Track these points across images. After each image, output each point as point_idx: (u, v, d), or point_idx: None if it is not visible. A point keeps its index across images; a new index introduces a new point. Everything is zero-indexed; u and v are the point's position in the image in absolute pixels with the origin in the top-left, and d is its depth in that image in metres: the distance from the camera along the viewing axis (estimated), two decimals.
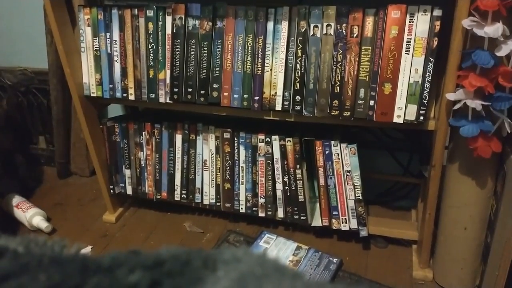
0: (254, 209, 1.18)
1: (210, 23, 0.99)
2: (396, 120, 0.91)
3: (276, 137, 1.09)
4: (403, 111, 0.90)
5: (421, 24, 0.86)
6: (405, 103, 0.90)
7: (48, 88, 1.48)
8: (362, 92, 0.92)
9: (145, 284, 0.22)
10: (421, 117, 0.90)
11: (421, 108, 0.89)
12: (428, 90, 0.88)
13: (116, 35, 1.07)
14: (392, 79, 0.89)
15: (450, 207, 0.98)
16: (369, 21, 0.88)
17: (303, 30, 0.93)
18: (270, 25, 0.95)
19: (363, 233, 1.11)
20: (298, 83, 0.96)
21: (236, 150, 1.15)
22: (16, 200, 1.37)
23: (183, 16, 1.00)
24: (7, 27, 1.54)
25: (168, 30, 1.03)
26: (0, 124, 1.46)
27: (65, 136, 1.54)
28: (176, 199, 1.24)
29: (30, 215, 1.30)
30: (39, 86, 1.55)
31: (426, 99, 0.89)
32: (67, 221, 1.36)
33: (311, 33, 0.92)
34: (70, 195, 1.50)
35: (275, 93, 0.99)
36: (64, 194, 1.50)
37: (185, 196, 1.23)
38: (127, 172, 1.27)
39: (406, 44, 0.87)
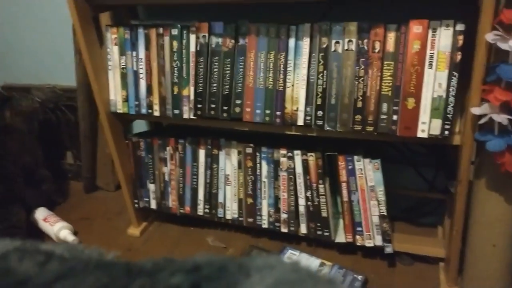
0: (277, 224, 1.18)
1: (233, 41, 1.01)
2: (420, 134, 0.90)
3: (298, 152, 1.09)
4: (427, 126, 0.89)
5: (444, 38, 0.85)
6: (429, 118, 0.89)
7: (75, 105, 1.53)
8: (385, 106, 0.92)
9: (186, 286, 0.22)
10: (446, 132, 0.89)
11: (446, 122, 0.88)
12: (452, 105, 0.87)
13: (142, 53, 1.11)
14: (415, 94, 0.89)
15: (478, 224, 0.95)
16: (391, 36, 0.88)
17: (324, 46, 0.94)
18: (292, 41, 0.96)
19: (388, 249, 1.09)
20: (320, 98, 0.96)
21: (258, 165, 1.15)
22: (44, 213, 1.41)
23: (207, 34, 1.03)
24: (36, 46, 1.60)
25: (192, 48, 1.05)
26: (31, 141, 1.51)
27: (91, 151, 1.58)
28: (199, 213, 1.25)
29: (58, 228, 1.33)
30: (67, 103, 1.60)
31: (451, 113, 0.87)
32: (92, 234, 1.39)
33: (333, 49, 0.93)
34: (96, 209, 1.53)
35: (297, 108, 0.99)
36: (90, 208, 1.53)
37: (208, 211, 1.24)
38: (152, 187, 1.29)
39: (429, 59, 0.86)
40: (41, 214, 1.40)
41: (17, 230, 1.28)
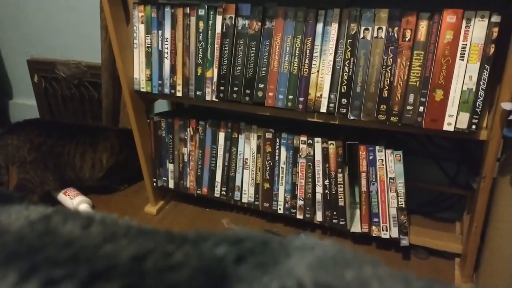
0: (293, 210, 1.18)
1: (260, 23, 1.00)
2: (446, 128, 0.89)
3: (319, 139, 1.09)
4: (454, 119, 0.88)
5: (478, 30, 0.83)
6: (456, 111, 0.87)
7: (99, 81, 1.55)
8: (411, 97, 0.90)
9: (231, 258, 0.22)
10: (473, 126, 0.87)
11: (474, 116, 0.86)
12: (482, 98, 0.85)
13: (167, 33, 1.11)
14: (444, 86, 0.87)
15: (499, 221, 0.94)
16: (423, 25, 0.86)
17: (353, 32, 0.92)
18: (320, 26, 0.95)
19: (404, 242, 1.08)
20: (345, 86, 0.95)
21: (277, 151, 1.15)
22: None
23: (233, 16, 1.02)
24: (63, 22, 1.62)
25: (218, 29, 1.05)
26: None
27: None
28: (216, 195, 1.26)
29: (77, 202, 1.36)
30: (91, 80, 1.62)
31: (480, 107, 0.85)
32: (110, 210, 1.41)
33: (361, 35, 0.91)
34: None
35: (321, 95, 0.98)
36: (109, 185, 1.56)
37: (224, 193, 1.25)
38: (170, 167, 1.30)
39: (461, 50, 0.84)
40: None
41: (35, 190, 1.32)
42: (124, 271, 0.19)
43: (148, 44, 1.14)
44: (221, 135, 1.21)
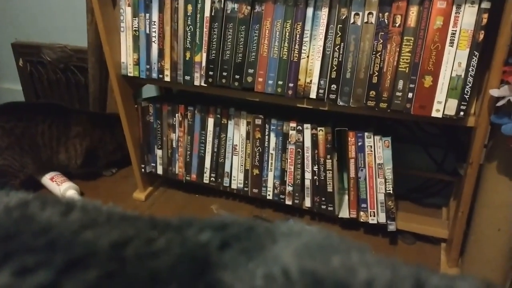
0: (282, 196, 1.18)
1: (249, 7, 0.99)
2: (434, 114, 0.89)
3: (308, 125, 1.08)
4: (443, 106, 0.88)
5: (467, 16, 0.82)
6: (445, 97, 0.87)
7: (86, 66, 1.52)
8: (401, 83, 0.90)
9: (216, 244, 0.22)
10: (461, 113, 0.87)
11: (462, 103, 0.86)
12: (470, 85, 0.85)
13: (155, 16, 1.08)
14: (433, 72, 0.87)
15: (485, 207, 0.95)
16: (413, 11, 0.85)
17: (343, 17, 0.91)
18: (310, 11, 0.94)
19: (391, 227, 1.09)
20: (334, 72, 0.95)
21: (266, 137, 1.15)
22: (51, 173, 1.42)
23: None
24: (48, 4, 1.58)
25: (207, 13, 1.03)
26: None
27: None
28: (205, 181, 1.25)
29: (64, 188, 1.35)
30: (77, 64, 1.59)
31: (468, 94, 0.86)
32: (98, 196, 1.40)
33: (352, 21, 0.91)
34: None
35: (310, 80, 0.98)
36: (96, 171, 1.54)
37: (213, 179, 1.25)
38: (159, 153, 1.29)
39: (451, 36, 0.84)
40: (48, 173, 1.41)
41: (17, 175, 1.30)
42: (103, 258, 0.19)
43: (135, 27, 1.12)
44: (210, 121, 1.20)
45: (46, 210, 0.22)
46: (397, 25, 0.87)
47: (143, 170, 1.33)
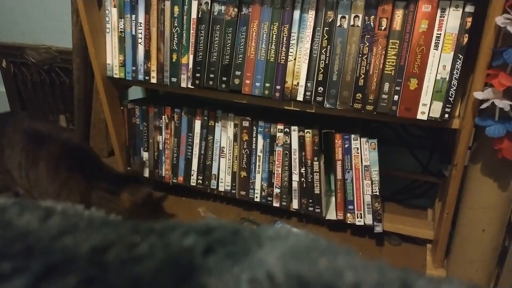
0: (269, 198, 1.18)
1: (236, 9, 0.98)
2: (420, 116, 0.90)
3: (296, 128, 1.08)
4: (428, 108, 0.89)
5: (452, 19, 0.84)
6: (430, 100, 0.88)
7: (71, 67, 1.50)
8: (386, 86, 0.90)
9: (200, 248, 0.21)
10: (446, 115, 0.88)
11: (447, 105, 0.87)
12: (455, 88, 0.86)
13: (141, 17, 1.08)
14: (418, 75, 0.87)
15: (469, 208, 0.96)
16: (399, 14, 0.86)
17: (330, 20, 0.92)
18: (297, 14, 0.94)
19: (378, 229, 1.10)
20: (321, 74, 0.95)
21: (254, 139, 1.14)
22: None
23: (209, 1, 1.00)
24: (32, 4, 1.55)
25: (194, 15, 1.02)
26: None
27: (85, 116, 1.56)
28: (192, 184, 1.25)
29: None
30: (62, 65, 1.56)
31: (453, 96, 0.87)
32: None
33: (338, 23, 0.91)
34: None
35: (298, 83, 0.98)
36: None
37: (201, 182, 1.24)
38: (145, 155, 1.28)
39: (436, 40, 0.85)
40: None
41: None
42: (83, 263, 0.18)
43: (121, 28, 1.11)
44: (197, 123, 1.19)
45: (24, 216, 0.21)
46: (382, 28, 0.88)
47: None
